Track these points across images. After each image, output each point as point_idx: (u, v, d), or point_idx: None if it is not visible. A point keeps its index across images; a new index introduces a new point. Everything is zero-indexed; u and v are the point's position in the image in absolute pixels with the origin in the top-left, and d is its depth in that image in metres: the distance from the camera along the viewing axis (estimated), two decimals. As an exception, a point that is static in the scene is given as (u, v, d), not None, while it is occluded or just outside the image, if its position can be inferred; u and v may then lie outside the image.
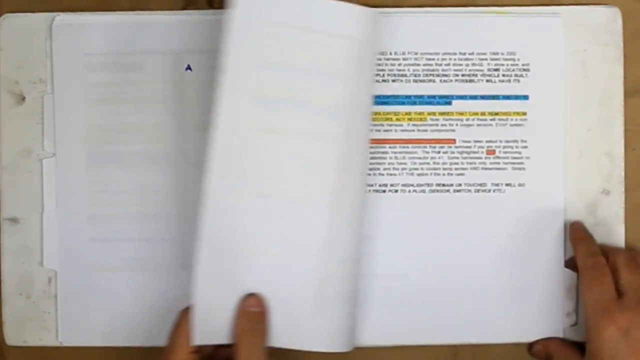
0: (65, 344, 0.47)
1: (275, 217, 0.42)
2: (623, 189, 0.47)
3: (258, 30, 0.42)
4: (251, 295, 0.42)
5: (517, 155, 0.47)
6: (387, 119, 0.47)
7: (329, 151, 0.42)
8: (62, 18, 0.47)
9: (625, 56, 0.47)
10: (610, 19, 0.47)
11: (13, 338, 0.47)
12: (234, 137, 0.42)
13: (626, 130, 0.47)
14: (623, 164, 0.47)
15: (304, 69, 0.42)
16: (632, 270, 0.42)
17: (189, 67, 0.46)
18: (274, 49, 0.42)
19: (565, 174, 0.47)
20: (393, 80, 0.47)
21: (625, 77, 0.47)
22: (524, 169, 0.47)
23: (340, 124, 0.42)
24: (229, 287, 0.42)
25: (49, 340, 0.47)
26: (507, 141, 0.47)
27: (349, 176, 0.42)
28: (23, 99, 0.48)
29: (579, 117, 0.47)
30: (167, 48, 0.47)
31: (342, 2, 0.42)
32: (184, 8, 0.48)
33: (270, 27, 0.42)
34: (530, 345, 0.47)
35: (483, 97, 0.47)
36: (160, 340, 0.47)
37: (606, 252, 0.44)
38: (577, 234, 0.46)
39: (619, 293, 0.42)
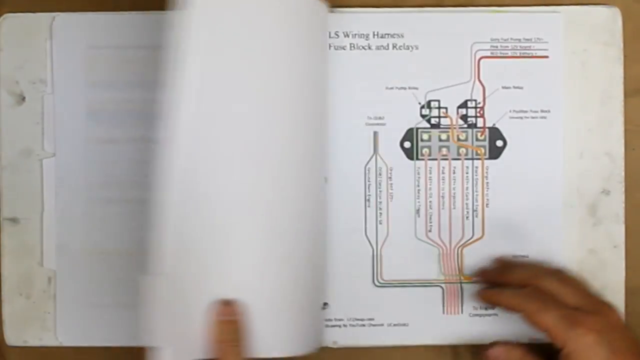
0: (66, 344, 0.47)
1: (124, 219, 0.47)
2: (623, 189, 0.47)
3: (82, 54, 0.47)
4: (225, 302, 0.40)
5: None
6: None
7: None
8: (62, 18, 0.47)
9: (625, 56, 0.47)
10: (610, 18, 0.47)
11: (13, 338, 0.47)
12: (73, 149, 0.47)
13: (626, 130, 0.47)
14: (623, 164, 0.47)
15: (128, 82, 0.47)
16: (562, 283, 0.42)
17: None
18: (100, 69, 0.47)
19: (565, 174, 0.47)
20: None
21: (625, 77, 0.47)
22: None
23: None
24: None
25: (49, 341, 0.47)
26: None
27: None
28: (23, 99, 0.48)
29: (579, 117, 0.47)
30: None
31: (153, 13, 0.47)
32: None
33: (94, 50, 0.47)
34: (486, 347, 0.44)
35: None
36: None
37: (531, 282, 0.43)
38: (488, 299, 0.44)
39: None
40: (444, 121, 0.47)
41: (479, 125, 0.47)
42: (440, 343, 0.47)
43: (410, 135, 0.47)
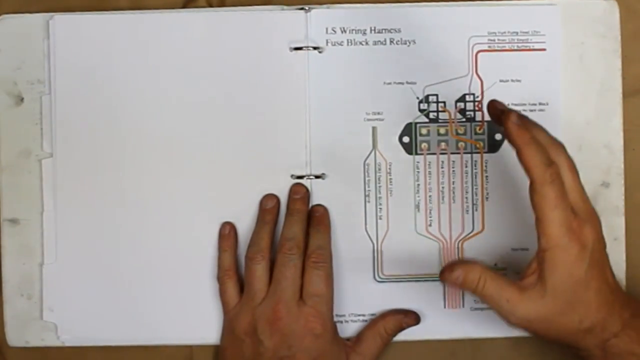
0: (67, 344, 0.47)
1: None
2: (622, 182, 0.47)
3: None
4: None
5: None
6: None
7: None
8: (59, 18, 0.47)
9: (625, 56, 0.47)
10: (607, 11, 0.47)
11: (15, 339, 0.47)
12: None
13: (625, 130, 0.47)
14: (622, 156, 0.47)
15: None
16: (575, 176, 0.39)
17: None
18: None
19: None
20: None
21: (624, 77, 0.47)
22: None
23: None
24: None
25: (50, 341, 0.47)
26: None
27: None
28: (22, 99, 0.48)
29: (577, 109, 0.47)
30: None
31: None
32: (184, 7, 0.48)
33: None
34: (444, 270, 0.40)
35: None
36: (162, 340, 0.47)
37: (551, 154, 0.39)
38: (521, 133, 0.38)
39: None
40: (442, 115, 0.47)
41: (477, 119, 0.47)
42: (441, 337, 0.47)
43: (408, 130, 0.47)
